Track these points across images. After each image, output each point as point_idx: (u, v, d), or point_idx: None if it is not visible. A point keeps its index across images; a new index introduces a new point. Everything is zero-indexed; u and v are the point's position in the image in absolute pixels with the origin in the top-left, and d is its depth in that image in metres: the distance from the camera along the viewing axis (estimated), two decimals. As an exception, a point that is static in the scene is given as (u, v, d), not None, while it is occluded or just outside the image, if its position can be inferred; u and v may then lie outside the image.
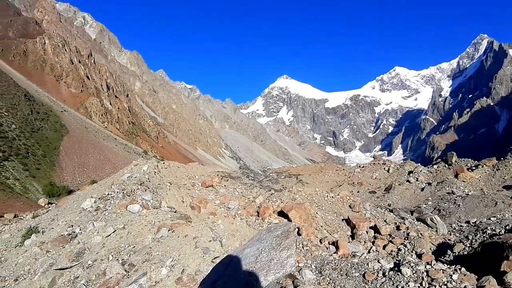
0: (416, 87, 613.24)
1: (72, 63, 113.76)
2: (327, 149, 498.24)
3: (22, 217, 20.12)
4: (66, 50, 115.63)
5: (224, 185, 16.89)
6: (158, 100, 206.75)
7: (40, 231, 11.49)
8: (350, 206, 14.21)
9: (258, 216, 12.26)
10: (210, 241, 7.69)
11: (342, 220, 12.64)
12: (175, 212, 10.02)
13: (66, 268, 7.38)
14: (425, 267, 7.24)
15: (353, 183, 25.04)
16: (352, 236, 11.45)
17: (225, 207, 12.87)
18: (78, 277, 7.03)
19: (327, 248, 9.70)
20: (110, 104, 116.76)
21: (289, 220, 11.38)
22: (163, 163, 18.66)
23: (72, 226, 10.04)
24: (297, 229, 10.28)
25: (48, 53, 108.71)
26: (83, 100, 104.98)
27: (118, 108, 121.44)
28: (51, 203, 23.73)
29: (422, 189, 21.14)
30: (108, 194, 11.80)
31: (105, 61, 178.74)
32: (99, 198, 11.66)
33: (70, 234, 9.27)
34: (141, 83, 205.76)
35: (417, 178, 23.15)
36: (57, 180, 53.55)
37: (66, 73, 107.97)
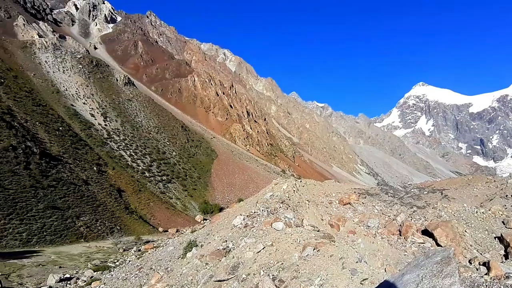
0: None
1: (217, 95, 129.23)
2: (474, 159, 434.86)
3: (182, 232, 23.41)
4: (212, 84, 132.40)
5: (362, 203, 16.24)
6: (293, 121, 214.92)
7: (199, 244, 13.06)
8: (503, 222, 12.68)
9: (400, 235, 11.64)
10: (356, 262, 7.44)
11: (494, 238, 11.43)
12: (318, 231, 10.07)
13: (224, 280, 8.12)
14: None
15: (506, 196, 21.29)
16: (506, 256, 10.28)
17: (364, 225, 12.43)
18: (234, 289, 7.65)
19: (477, 269, 8.80)
20: (251, 128, 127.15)
21: (435, 239, 10.72)
22: (300, 181, 19.05)
23: (226, 241, 11.11)
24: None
25: (197, 88, 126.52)
26: (228, 127, 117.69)
27: (258, 131, 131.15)
28: (206, 219, 26.87)
29: None
30: (254, 212, 12.72)
31: (244, 90, 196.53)
32: (247, 215, 12.66)
33: (224, 249, 10.27)
34: (276, 107, 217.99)
35: None
36: (210, 198, 60.77)
37: (213, 104, 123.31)
